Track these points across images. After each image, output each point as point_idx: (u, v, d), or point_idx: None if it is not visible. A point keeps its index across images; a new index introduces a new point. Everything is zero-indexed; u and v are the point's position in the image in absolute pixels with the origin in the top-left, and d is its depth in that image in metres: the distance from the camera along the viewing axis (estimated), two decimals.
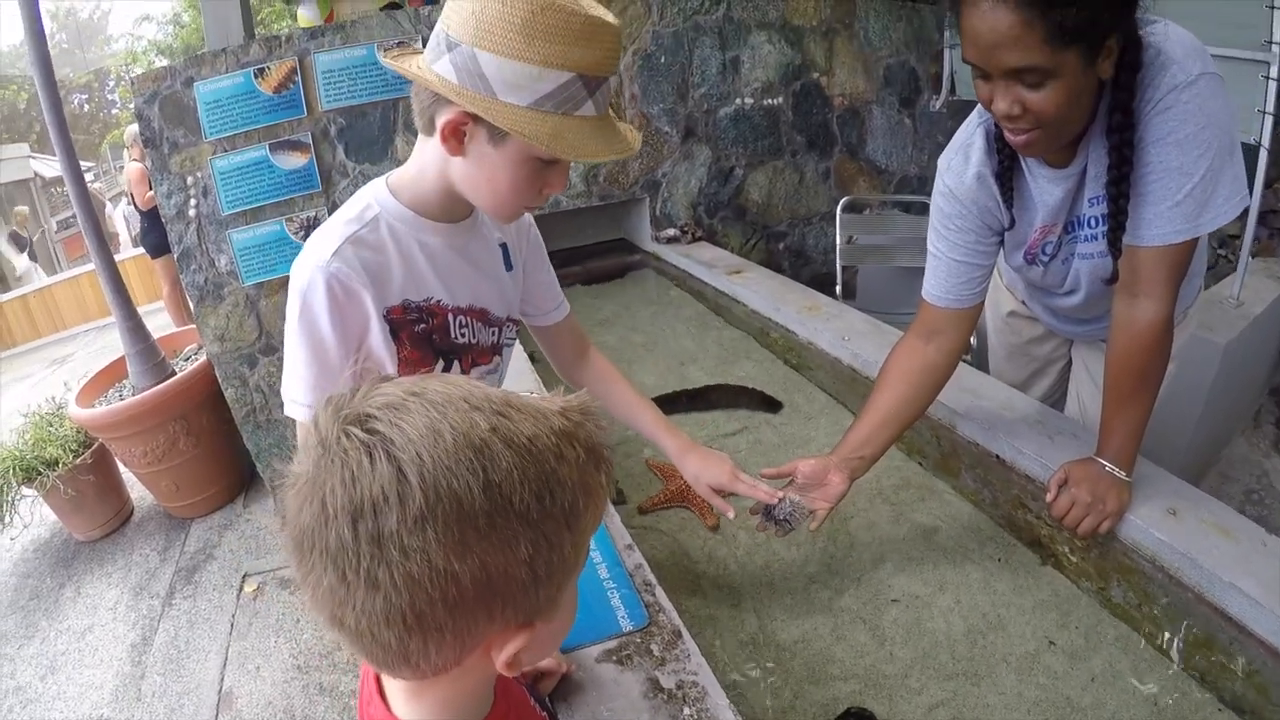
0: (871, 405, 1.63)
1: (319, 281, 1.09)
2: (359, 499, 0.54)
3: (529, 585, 0.60)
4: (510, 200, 1.13)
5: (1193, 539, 1.37)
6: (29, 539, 3.90)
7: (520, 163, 1.07)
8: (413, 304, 1.20)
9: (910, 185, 4.43)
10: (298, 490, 0.58)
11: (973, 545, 1.72)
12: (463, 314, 1.27)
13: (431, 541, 0.54)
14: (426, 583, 0.55)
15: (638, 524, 1.86)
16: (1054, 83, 1.20)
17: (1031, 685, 1.37)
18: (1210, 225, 1.32)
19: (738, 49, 3.82)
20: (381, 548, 0.54)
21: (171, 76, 3.05)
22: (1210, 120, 1.26)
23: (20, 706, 2.83)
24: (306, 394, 1.14)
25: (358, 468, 0.55)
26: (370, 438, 0.56)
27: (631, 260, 3.98)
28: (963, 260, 1.56)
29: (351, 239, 1.12)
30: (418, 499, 0.54)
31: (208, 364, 3.63)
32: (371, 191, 1.19)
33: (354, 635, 0.59)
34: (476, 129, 1.05)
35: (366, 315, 1.14)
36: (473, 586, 0.57)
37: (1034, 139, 1.29)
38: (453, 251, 1.24)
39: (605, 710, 1.11)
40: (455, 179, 1.13)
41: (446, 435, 0.56)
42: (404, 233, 1.18)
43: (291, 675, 2.75)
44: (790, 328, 2.65)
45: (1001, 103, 1.25)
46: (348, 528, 0.55)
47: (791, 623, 1.56)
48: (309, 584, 0.59)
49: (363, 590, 0.56)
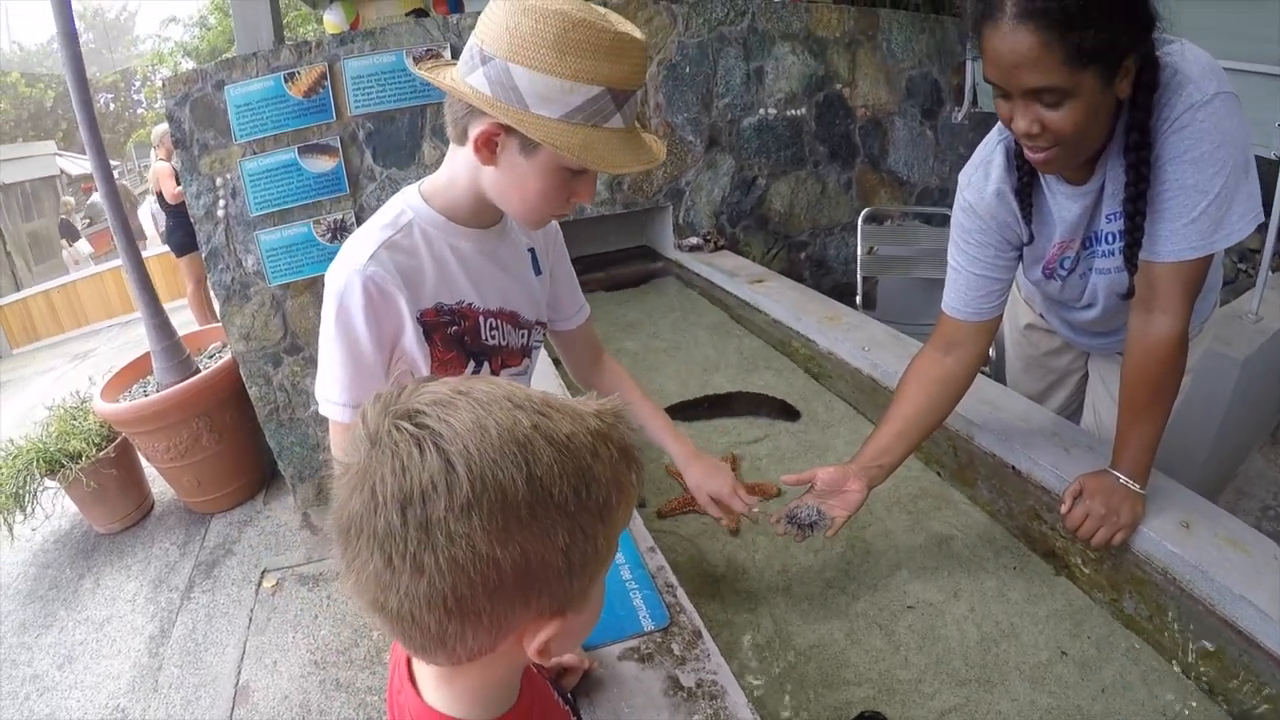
0: (890, 415, 1.65)
1: (355, 284, 1.12)
2: (409, 487, 0.58)
3: (564, 574, 0.63)
4: (539, 208, 1.16)
5: (1205, 552, 1.38)
6: (50, 530, 3.95)
7: (550, 172, 1.11)
8: (445, 306, 1.23)
9: (932, 197, 4.44)
10: (347, 480, 0.61)
11: (988, 554, 1.73)
12: (493, 316, 1.31)
13: (476, 528, 0.58)
14: (469, 568, 0.58)
15: (657, 528, 1.88)
16: (1072, 102, 1.22)
17: (1043, 694, 1.38)
18: (1224, 242, 1.34)
19: (761, 59, 3.84)
20: (429, 533, 0.57)
21: (203, 79, 3.10)
22: (1225, 139, 1.27)
23: (37, 694, 2.87)
24: (341, 394, 1.17)
25: (408, 458, 0.58)
26: (420, 431, 0.59)
27: (654, 268, 4.00)
28: (982, 274, 1.58)
29: (386, 244, 1.16)
30: (464, 488, 0.57)
31: (232, 362, 3.66)
32: (405, 198, 1.23)
33: (395, 619, 0.61)
34: (509, 140, 1.09)
35: (401, 317, 1.18)
36: (512, 573, 0.60)
37: (1052, 157, 1.31)
38: (483, 256, 1.28)
39: (626, 707, 1.13)
40: (486, 187, 1.17)
41: (492, 430, 0.60)
42: (436, 237, 1.22)
43: (308, 670, 2.78)
44: (811, 337, 2.66)
45: (1021, 121, 1.27)
46: (396, 514, 0.58)
47: (807, 627, 1.57)
48: (354, 570, 0.61)
49: (408, 574, 0.58)
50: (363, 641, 2.87)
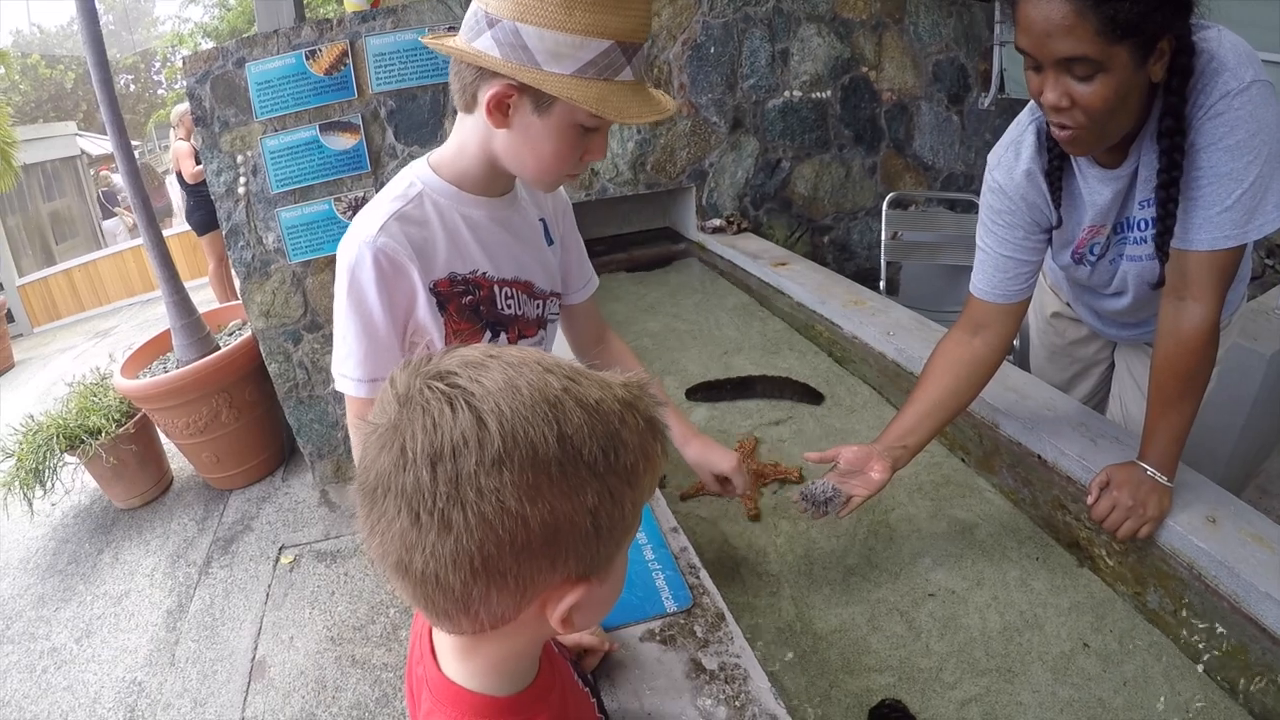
0: (916, 397, 1.64)
1: (366, 256, 1.13)
2: (439, 443, 0.58)
3: (591, 537, 0.62)
4: (554, 167, 1.16)
5: (1231, 548, 1.36)
6: (70, 505, 3.99)
7: (564, 130, 1.11)
8: (459, 276, 1.23)
9: (957, 183, 4.39)
10: (376, 438, 0.61)
11: (1011, 544, 1.71)
12: (508, 286, 1.30)
13: (507, 483, 0.57)
14: (498, 525, 0.58)
15: (680, 509, 1.88)
16: (1103, 77, 1.20)
17: (1065, 685, 1.37)
18: (1259, 232, 1.32)
19: (787, 41, 3.81)
20: (459, 488, 0.57)
21: (223, 57, 3.09)
22: (1261, 127, 1.25)
23: (55, 668, 2.89)
24: (356, 368, 1.18)
25: (439, 415, 0.58)
26: (451, 390, 0.59)
27: (676, 249, 3.99)
28: (1010, 256, 1.57)
29: (397, 215, 1.16)
30: (495, 443, 0.57)
31: (252, 339, 3.67)
32: (414, 170, 1.23)
33: (419, 580, 0.61)
34: (521, 100, 1.09)
35: (413, 288, 1.18)
36: (540, 531, 0.59)
37: (1079, 136, 1.29)
38: (496, 224, 1.28)
39: (647, 689, 1.12)
40: (498, 151, 1.17)
41: (524, 389, 0.60)
42: (447, 207, 1.22)
43: (324, 646, 2.79)
44: (835, 321, 2.65)
45: (1050, 94, 1.26)
46: (426, 469, 0.57)
47: (829, 612, 1.57)
48: (379, 530, 0.61)
49: (435, 532, 0.58)
50: (379, 618, 2.88)
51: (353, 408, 1.22)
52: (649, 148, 3.71)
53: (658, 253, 3.96)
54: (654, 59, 3.58)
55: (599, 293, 1.61)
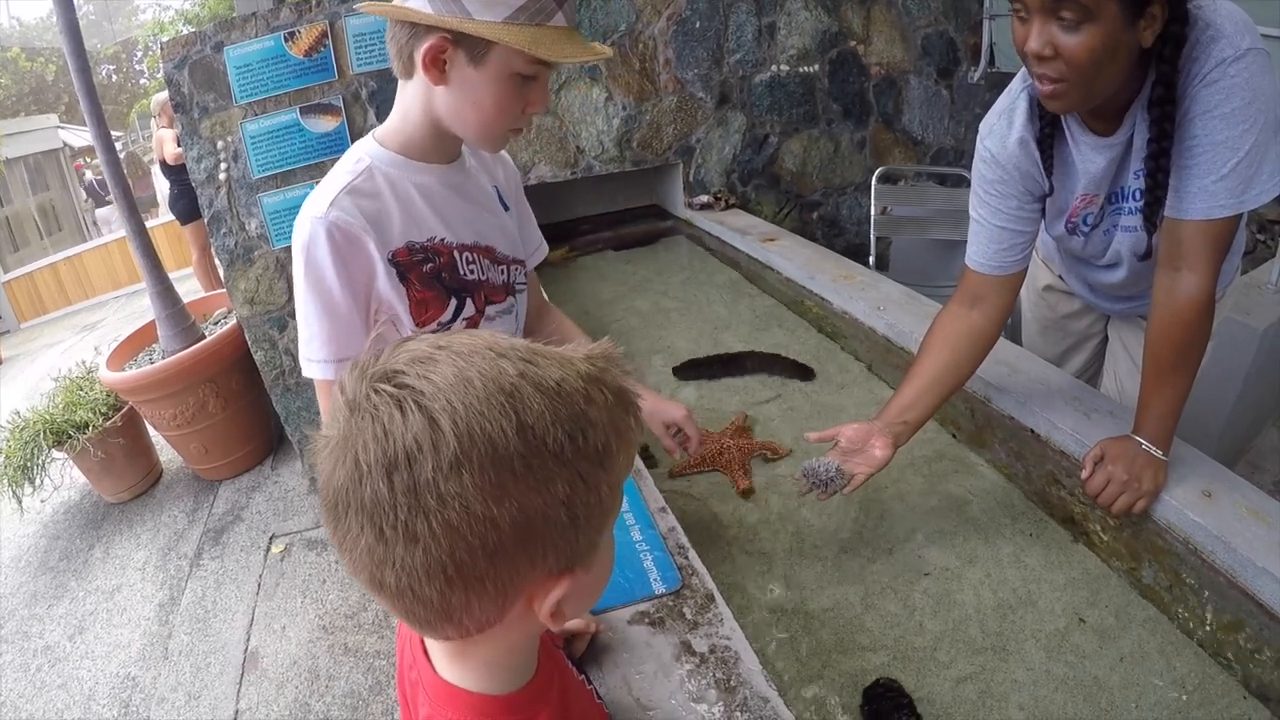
0: (916, 371, 1.63)
1: (320, 232, 1.13)
2: (392, 451, 0.54)
3: (568, 528, 0.60)
4: (496, 119, 1.17)
5: (1227, 522, 1.35)
6: (59, 501, 3.97)
7: (502, 80, 1.12)
8: (416, 244, 1.23)
9: (947, 157, 4.36)
10: (330, 452, 0.58)
11: (1005, 520, 1.70)
12: (468, 250, 1.30)
13: (469, 486, 0.54)
14: (466, 530, 0.55)
15: (669, 488, 1.86)
16: (1090, 27, 1.18)
17: (1060, 663, 1.36)
18: (1254, 201, 1.30)
19: (774, 15, 3.76)
20: (418, 497, 0.54)
21: (201, 41, 3.04)
22: (1257, 95, 1.24)
23: (49, 665, 2.88)
24: (320, 349, 1.17)
25: (389, 421, 0.55)
26: (400, 391, 0.56)
27: (664, 226, 3.96)
28: (1005, 226, 1.55)
29: (347, 189, 1.16)
30: (451, 445, 0.54)
31: (237, 327, 3.65)
32: (361, 146, 1.24)
33: (395, 595, 0.58)
34: (456, 53, 1.10)
35: (371, 260, 1.18)
36: (512, 531, 0.56)
37: (1061, 90, 1.27)
38: (449, 190, 1.28)
39: (636, 672, 1.10)
40: (440, 111, 1.18)
41: (476, 382, 0.56)
42: (398, 177, 1.22)
43: (317, 635, 2.78)
44: (825, 296, 2.63)
45: (1035, 41, 1.24)
46: (383, 481, 0.54)
47: (822, 591, 1.55)
48: (346, 547, 0.59)
49: (402, 545, 0.55)
50: (371, 606, 2.87)
51: (323, 392, 1.21)
52: (635, 124, 3.67)
53: (645, 230, 3.93)
54: (639, 34, 3.54)
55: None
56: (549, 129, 3.55)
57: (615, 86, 3.57)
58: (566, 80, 3.50)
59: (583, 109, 3.56)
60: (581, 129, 3.59)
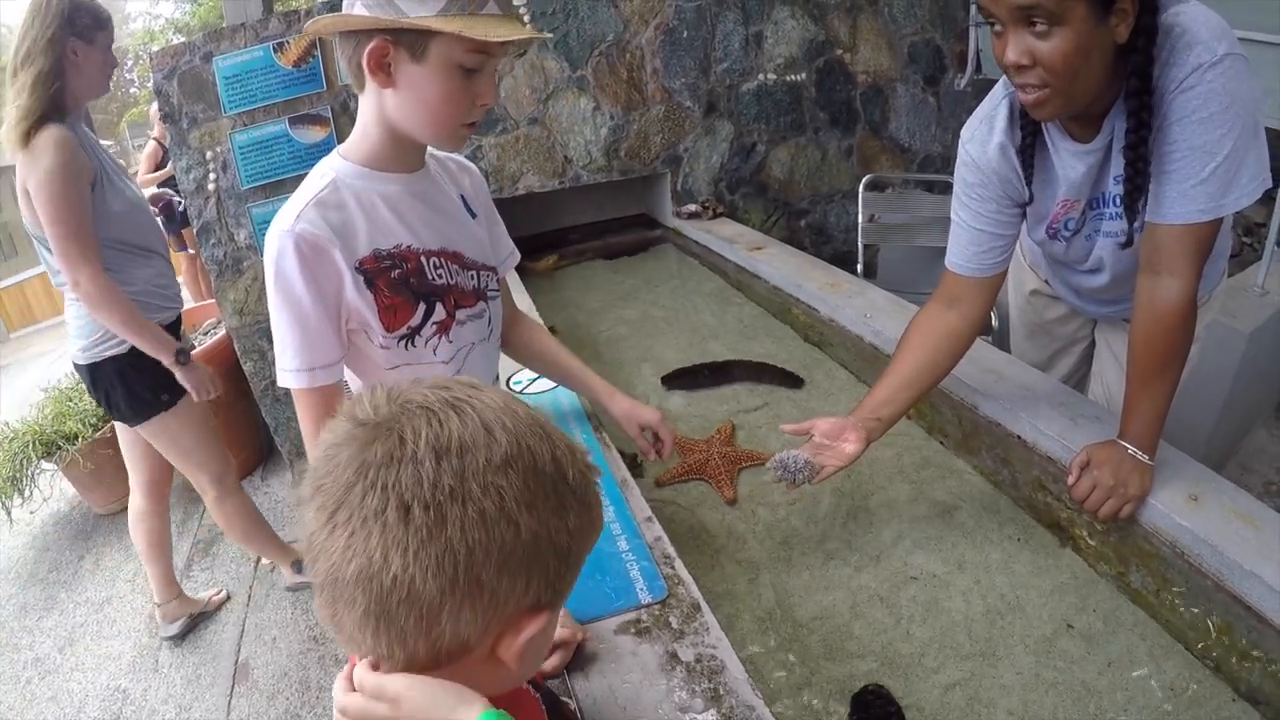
0: (892, 369, 1.64)
1: (288, 245, 1.16)
2: (446, 439, 0.59)
3: (564, 559, 0.64)
4: (445, 114, 1.20)
5: (1214, 526, 1.35)
6: (49, 512, 3.95)
7: (445, 72, 1.16)
8: (383, 251, 1.26)
9: (934, 164, 4.39)
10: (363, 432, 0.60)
11: (992, 526, 1.70)
12: (435, 256, 1.33)
13: (510, 485, 0.59)
14: (493, 526, 0.58)
15: (655, 497, 1.86)
16: (1061, 31, 1.20)
17: (1048, 668, 1.35)
18: (1234, 205, 1.31)
19: (761, 24, 3.78)
20: (464, 481, 0.58)
21: (190, 52, 3.05)
22: (1235, 100, 1.25)
23: (39, 678, 2.87)
24: (294, 359, 1.21)
25: (445, 418, 0.60)
26: (455, 400, 0.62)
27: (652, 235, 3.97)
28: (983, 229, 1.57)
29: (313, 202, 1.19)
30: (503, 447, 0.60)
31: (226, 338, 3.64)
32: (326, 162, 1.28)
33: (385, 591, 0.58)
34: (398, 52, 1.14)
35: (338, 270, 1.21)
36: (527, 542, 0.60)
37: (1044, 98, 1.28)
38: (414, 198, 1.32)
39: (622, 682, 1.10)
40: (392, 115, 1.21)
41: (520, 412, 0.64)
42: (362, 188, 1.25)
43: (307, 647, 2.77)
44: (812, 304, 2.63)
45: (1011, 52, 1.26)
46: (430, 460, 0.58)
47: (809, 599, 1.55)
48: (342, 532, 0.58)
49: (426, 530, 0.57)
50: None
51: (302, 402, 1.24)
52: (622, 134, 3.68)
53: (634, 239, 3.94)
54: (626, 44, 3.55)
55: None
56: (537, 139, 3.55)
57: (603, 96, 3.58)
58: (554, 90, 3.51)
59: (570, 119, 3.57)
60: (569, 138, 3.60)
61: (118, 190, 2.20)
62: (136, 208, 2.27)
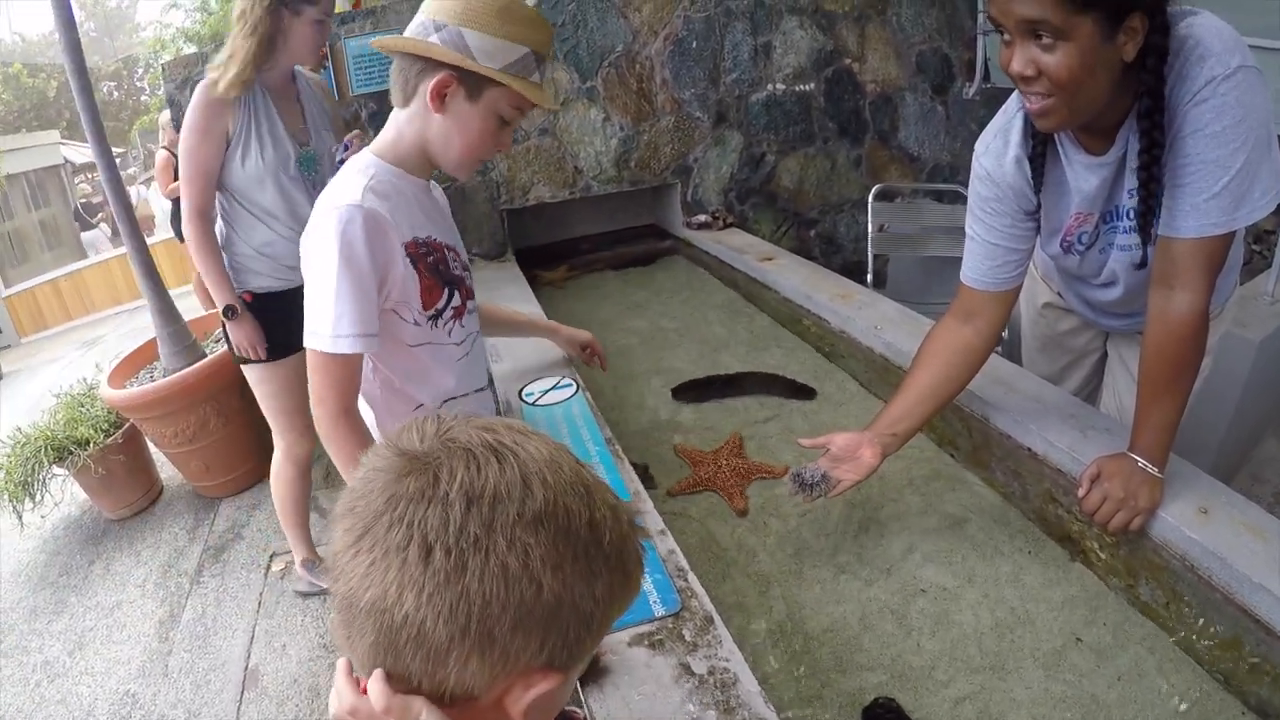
0: (908, 384, 1.65)
1: (357, 217, 1.29)
2: (481, 486, 0.57)
3: (585, 624, 0.62)
4: (477, 149, 1.41)
5: (1223, 539, 1.35)
6: (59, 517, 3.95)
7: (489, 117, 1.37)
8: (420, 239, 1.44)
9: (943, 174, 4.39)
10: (400, 461, 0.59)
11: (1002, 538, 1.71)
12: (449, 250, 1.53)
13: (537, 545, 0.57)
14: (515, 582, 0.56)
15: (667, 509, 1.86)
16: (1066, 45, 1.21)
17: (1058, 681, 1.36)
18: (1247, 219, 1.32)
19: (769, 34, 3.80)
20: (490, 533, 0.56)
21: (202, 62, 3.07)
22: (1248, 113, 1.25)
23: (48, 681, 2.87)
24: (351, 325, 1.30)
25: (485, 462, 0.58)
26: (499, 445, 0.60)
27: (662, 246, 3.98)
28: (999, 243, 1.57)
29: (368, 187, 1.34)
30: (539, 502, 0.58)
31: None
32: (363, 158, 1.43)
33: (395, 628, 0.57)
34: (458, 89, 1.33)
35: (394, 247, 1.37)
36: (548, 603, 0.58)
37: (1049, 108, 1.29)
38: (428, 199, 1.53)
39: (636, 694, 1.11)
40: (431, 135, 1.40)
41: (565, 468, 0.62)
42: (396, 184, 1.42)
43: (317, 654, 2.77)
44: (823, 316, 2.64)
45: (1017, 62, 1.27)
46: (460, 505, 0.56)
47: (820, 611, 1.56)
48: (363, 558, 0.57)
49: (445, 574, 0.55)
50: None
51: (333, 370, 1.34)
52: (632, 144, 3.70)
53: (644, 250, 3.94)
54: (635, 55, 3.57)
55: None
56: (547, 149, 3.57)
57: (613, 107, 3.60)
58: (565, 101, 3.53)
59: (581, 129, 3.58)
60: (580, 149, 3.61)
61: (255, 153, 2.36)
62: (271, 174, 2.40)
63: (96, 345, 7.95)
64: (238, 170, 2.36)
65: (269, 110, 2.38)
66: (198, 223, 2.35)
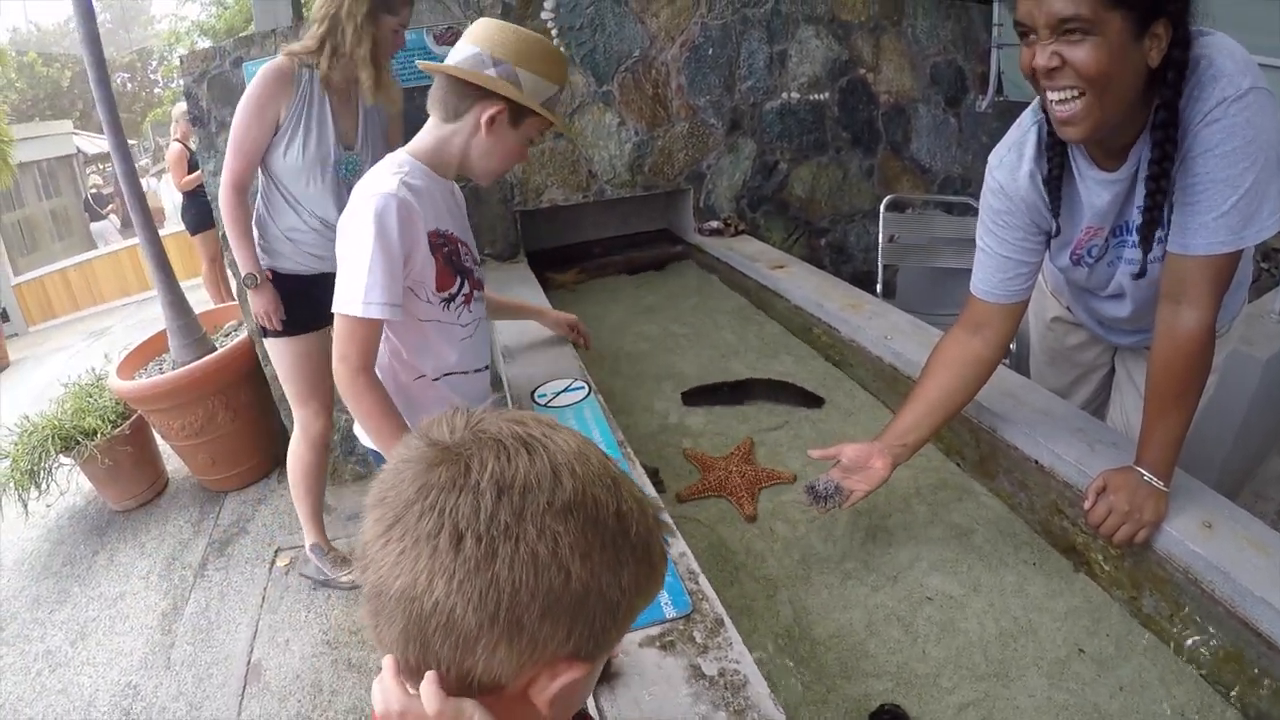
0: (917, 394, 1.67)
1: (392, 204, 1.51)
2: (511, 476, 0.58)
3: (612, 613, 0.63)
4: (508, 164, 1.72)
5: (1227, 553, 1.36)
6: (65, 506, 3.98)
7: (522, 140, 1.67)
8: (440, 230, 1.68)
9: (954, 185, 4.40)
10: (432, 451, 0.60)
11: (1008, 549, 1.71)
12: (462, 244, 1.77)
13: (566, 533, 0.58)
14: (544, 570, 0.58)
15: (677, 513, 1.87)
16: (1094, 40, 1.21)
17: (1061, 691, 1.37)
18: (1255, 238, 1.33)
19: (785, 43, 3.81)
20: (520, 521, 0.57)
21: (220, 56, 3.08)
22: (1258, 134, 1.26)
23: (50, 670, 2.88)
24: (381, 294, 1.51)
25: (515, 453, 0.60)
26: (529, 437, 0.61)
27: (674, 251, 3.98)
28: (1010, 256, 1.58)
29: (403, 180, 1.56)
30: (568, 492, 0.59)
31: (248, 340, 3.68)
32: (399, 155, 1.66)
33: (425, 615, 0.58)
34: (503, 115, 1.60)
35: (420, 233, 1.60)
36: (576, 592, 0.59)
37: (1076, 112, 1.27)
38: (451, 199, 1.77)
39: (647, 695, 1.12)
40: (472, 151, 1.66)
41: (593, 460, 0.64)
42: (424, 181, 1.64)
43: (320, 650, 2.79)
44: (833, 324, 2.65)
45: (1041, 57, 1.26)
46: (491, 494, 0.57)
47: (826, 617, 1.56)
48: (394, 547, 0.58)
49: (475, 562, 0.57)
50: None
51: (359, 332, 1.53)
52: (646, 149, 3.71)
53: (656, 255, 3.95)
54: (651, 61, 3.58)
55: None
56: (562, 152, 3.58)
57: (628, 112, 3.61)
58: (580, 105, 3.54)
59: (595, 133, 3.60)
60: (594, 153, 3.63)
61: (299, 145, 2.45)
62: (309, 169, 2.48)
63: (104, 336, 7.98)
64: (280, 158, 2.46)
65: (323, 108, 2.45)
66: (233, 195, 2.46)
